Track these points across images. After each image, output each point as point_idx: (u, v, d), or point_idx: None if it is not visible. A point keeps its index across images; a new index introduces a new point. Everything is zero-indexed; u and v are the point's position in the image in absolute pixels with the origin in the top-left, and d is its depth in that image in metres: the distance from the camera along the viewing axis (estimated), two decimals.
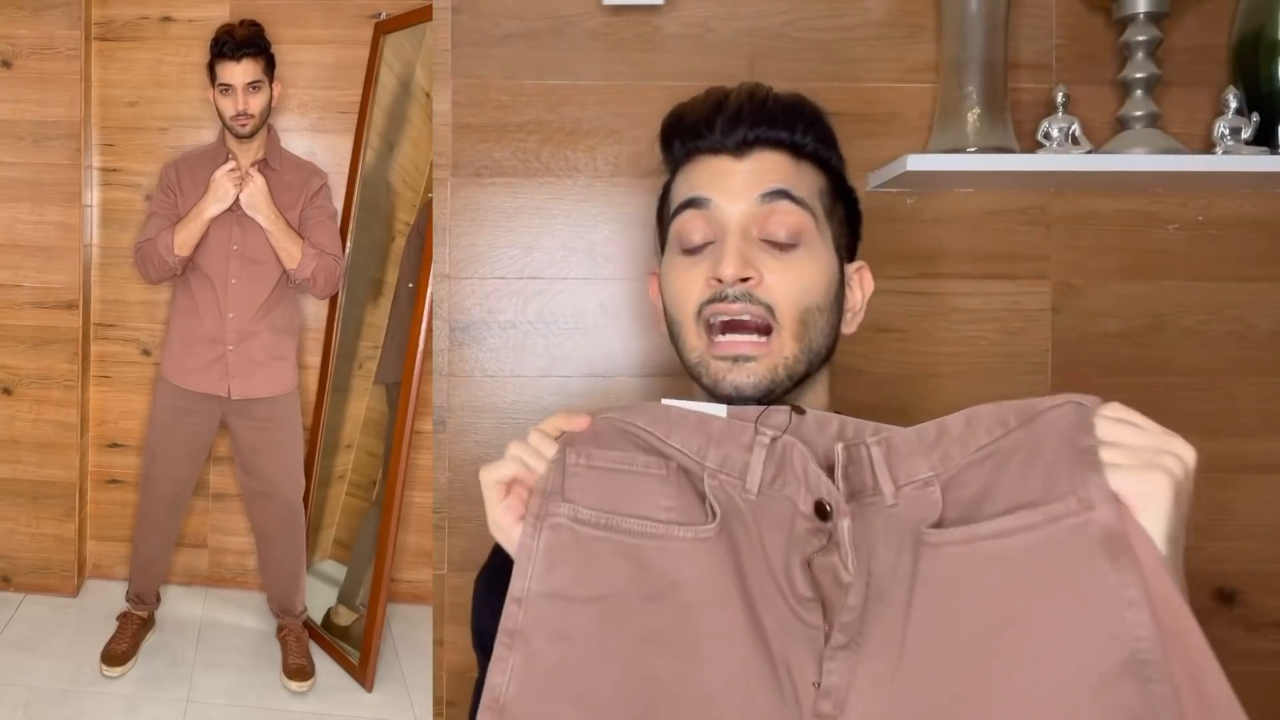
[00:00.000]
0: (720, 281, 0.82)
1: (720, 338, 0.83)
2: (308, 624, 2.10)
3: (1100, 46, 1.42)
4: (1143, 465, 0.66)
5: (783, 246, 0.84)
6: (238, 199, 1.87)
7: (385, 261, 2.19)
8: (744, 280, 0.82)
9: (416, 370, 1.83)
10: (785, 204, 0.85)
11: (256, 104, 1.89)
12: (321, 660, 2.06)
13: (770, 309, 0.83)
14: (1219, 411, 1.43)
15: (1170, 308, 1.44)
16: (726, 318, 0.83)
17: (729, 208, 0.86)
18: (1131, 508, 0.66)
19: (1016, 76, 1.40)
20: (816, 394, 0.89)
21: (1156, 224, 1.43)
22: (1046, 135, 1.33)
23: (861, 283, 0.94)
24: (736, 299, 0.82)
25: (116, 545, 2.40)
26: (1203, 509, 1.42)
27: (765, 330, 0.83)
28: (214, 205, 1.85)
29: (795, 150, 0.88)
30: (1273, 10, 1.35)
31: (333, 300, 2.21)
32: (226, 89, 1.89)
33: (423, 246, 2.04)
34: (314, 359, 2.25)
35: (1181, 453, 0.68)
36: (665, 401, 0.77)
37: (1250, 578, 1.42)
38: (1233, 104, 1.32)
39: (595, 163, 1.42)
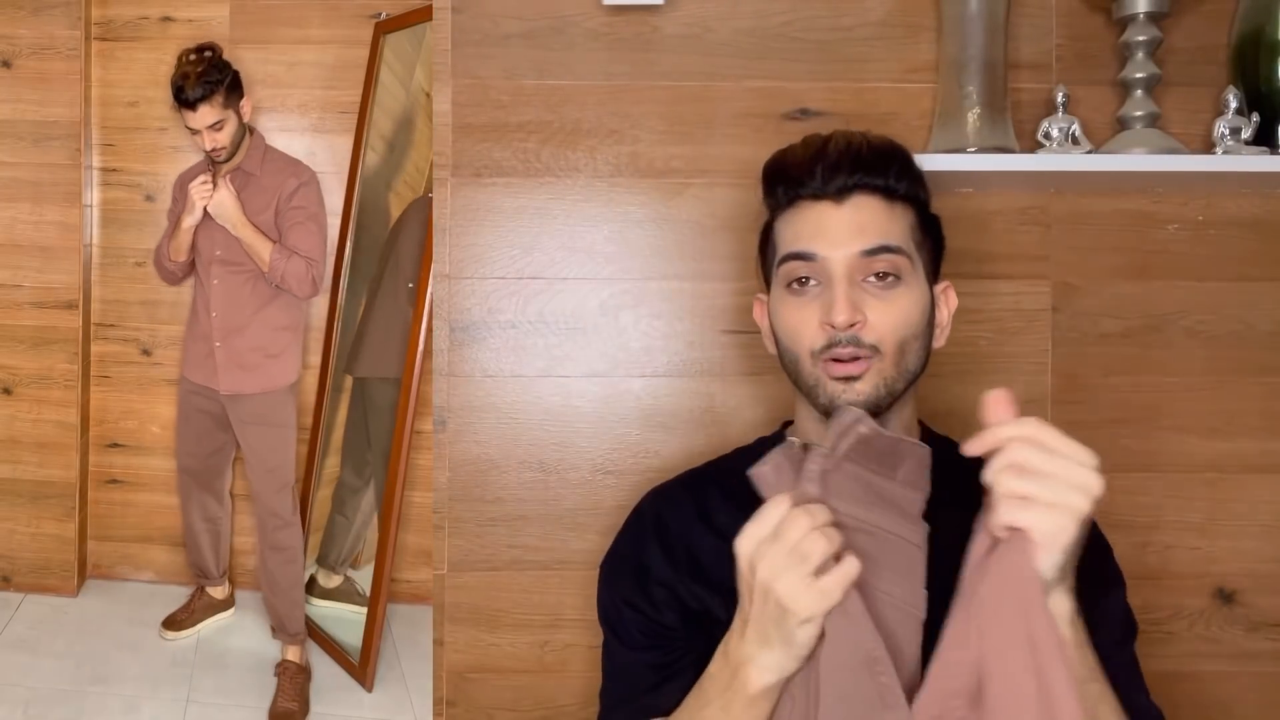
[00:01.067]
0: (833, 326, 0.93)
1: (833, 366, 0.94)
2: (315, 633, 2.09)
3: (1100, 46, 1.42)
4: (1049, 505, 0.72)
5: (883, 285, 0.95)
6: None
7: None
8: (851, 325, 0.93)
9: (416, 370, 1.83)
10: (885, 255, 0.94)
11: (224, 137, 1.92)
12: (322, 660, 2.07)
13: (874, 346, 0.93)
14: (1219, 411, 1.43)
15: (1170, 308, 1.43)
16: (840, 361, 0.94)
17: (834, 255, 0.94)
18: (1033, 543, 0.72)
19: (1016, 76, 1.40)
20: (906, 405, 1.00)
21: (1156, 224, 1.43)
22: (1046, 135, 1.33)
23: (948, 301, 1.04)
24: (847, 344, 0.93)
25: (116, 545, 2.40)
26: (1203, 509, 1.42)
27: (869, 357, 0.93)
28: (187, 218, 1.94)
29: (889, 194, 0.97)
30: (1273, 10, 1.35)
31: (333, 300, 2.21)
32: (193, 132, 1.92)
33: (397, 243, 2.06)
34: (314, 359, 2.25)
35: (1090, 486, 0.72)
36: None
37: (1250, 578, 1.42)
38: (1233, 104, 1.32)
39: (595, 163, 1.42)
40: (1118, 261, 1.43)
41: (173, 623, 2.19)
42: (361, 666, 1.98)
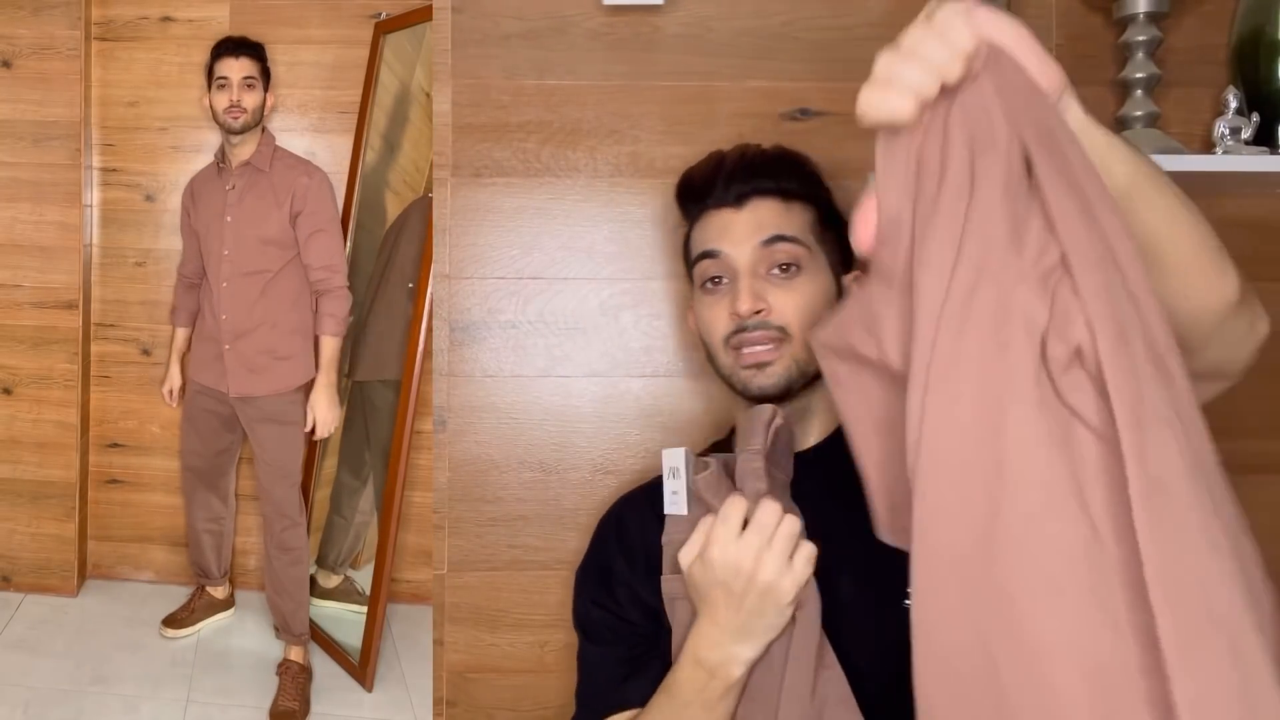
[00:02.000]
0: (739, 315, 1.02)
1: (745, 350, 1.03)
2: (315, 633, 2.09)
3: (1100, 46, 1.42)
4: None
5: (785, 276, 1.04)
6: (230, 200, 1.97)
7: None
8: (757, 312, 1.02)
9: (416, 370, 1.83)
10: (781, 245, 1.04)
11: (250, 100, 1.95)
12: (322, 660, 2.07)
13: (782, 329, 1.02)
14: (1219, 411, 1.42)
15: None
16: (749, 345, 1.02)
17: (736, 252, 1.05)
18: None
19: None
20: (826, 391, 0.99)
21: None
22: None
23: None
24: (754, 329, 1.02)
25: (116, 545, 2.40)
26: None
27: (779, 341, 1.02)
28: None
29: (784, 195, 1.07)
30: (1273, 10, 1.35)
31: None
32: (223, 83, 1.95)
33: (397, 245, 2.07)
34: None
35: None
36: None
37: None
38: (1233, 104, 1.32)
39: (595, 163, 1.42)
40: None
41: (173, 621, 2.20)
42: (361, 666, 1.98)
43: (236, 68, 1.95)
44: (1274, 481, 1.43)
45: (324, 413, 1.93)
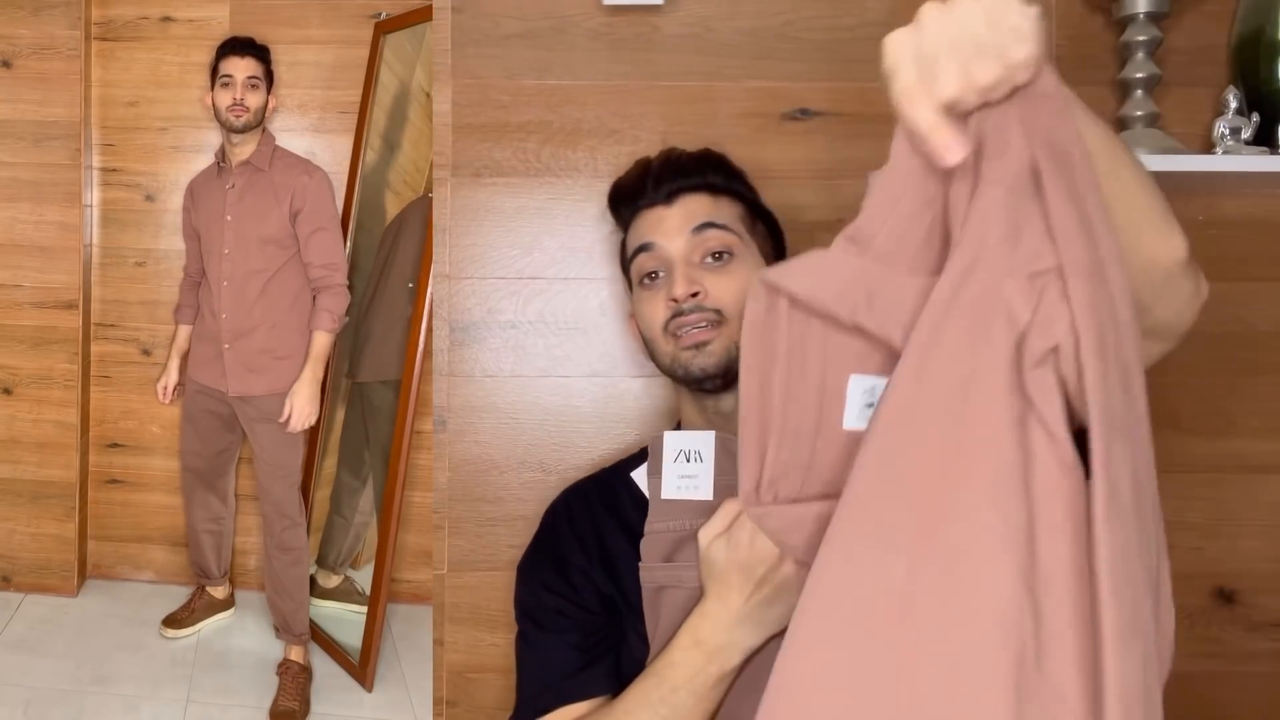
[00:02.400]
0: (676, 301, 1.05)
1: (683, 333, 1.05)
2: (315, 633, 2.09)
3: (1100, 46, 1.42)
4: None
5: (718, 262, 1.06)
6: (230, 199, 1.97)
7: None
8: (693, 296, 1.04)
9: (416, 370, 1.83)
10: (712, 231, 1.07)
11: (253, 99, 1.96)
12: (322, 660, 2.07)
13: (718, 311, 1.04)
14: (1219, 411, 1.43)
15: None
16: (687, 327, 1.04)
17: (669, 244, 1.08)
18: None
19: None
20: None
21: None
22: None
23: None
24: (691, 311, 1.04)
25: (116, 545, 2.40)
26: (1203, 509, 1.42)
27: (716, 323, 1.04)
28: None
29: (711, 189, 1.11)
30: (1273, 10, 1.35)
31: None
32: (227, 81, 1.96)
33: (396, 245, 2.07)
34: None
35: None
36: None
37: (1250, 578, 1.42)
38: (1233, 104, 1.32)
39: (595, 163, 1.42)
40: None
41: (173, 621, 2.20)
42: (361, 666, 1.98)
43: (242, 67, 1.96)
44: (1274, 481, 1.43)
45: (301, 405, 1.91)
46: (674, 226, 1.08)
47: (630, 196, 1.14)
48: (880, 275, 0.66)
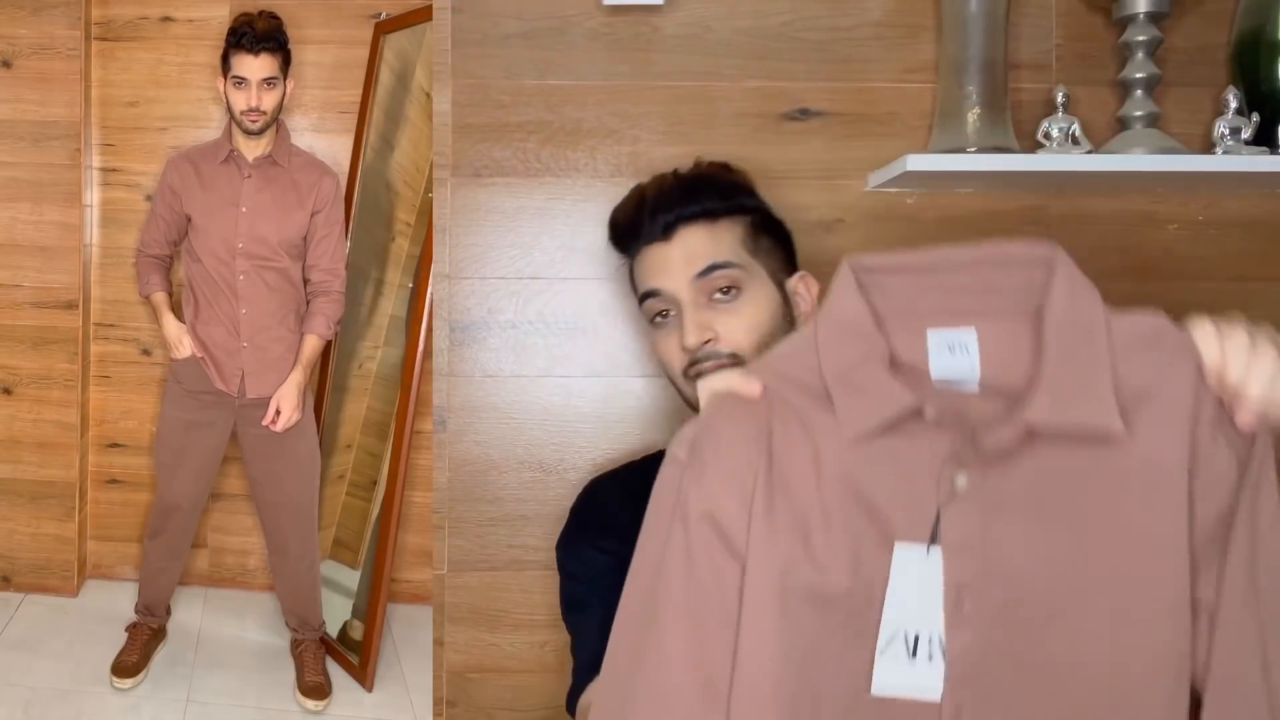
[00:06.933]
0: (689, 349, 1.05)
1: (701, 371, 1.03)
2: (324, 638, 2.07)
3: (1100, 46, 1.42)
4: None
5: (727, 299, 1.06)
6: (246, 190, 1.87)
7: (385, 261, 2.19)
8: (706, 342, 1.04)
9: (416, 370, 1.83)
10: (716, 273, 1.06)
11: (270, 101, 1.82)
12: None
13: (733, 354, 1.04)
14: None
15: (1170, 308, 1.43)
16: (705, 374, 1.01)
17: (675, 286, 1.07)
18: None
19: (1016, 76, 1.40)
20: None
21: (1157, 224, 1.43)
22: (1046, 135, 1.33)
23: (808, 289, 1.12)
24: (706, 358, 1.04)
25: (116, 545, 2.40)
26: None
27: (733, 366, 1.01)
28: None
29: (709, 215, 1.08)
30: (1273, 10, 1.35)
31: None
32: (241, 82, 1.81)
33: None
34: None
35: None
36: None
37: None
38: (1233, 104, 1.32)
39: (595, 163, 1.42)
40: (1118, 262, 1.43)
41: (124, 670, 1.96)
42: (361, 666, 1.98)
43: (256, 67, 1.79)
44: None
45: (289, 409, 1.83)
46: (676, 268, 1.07)
47: (628, 233, 1.14)
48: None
